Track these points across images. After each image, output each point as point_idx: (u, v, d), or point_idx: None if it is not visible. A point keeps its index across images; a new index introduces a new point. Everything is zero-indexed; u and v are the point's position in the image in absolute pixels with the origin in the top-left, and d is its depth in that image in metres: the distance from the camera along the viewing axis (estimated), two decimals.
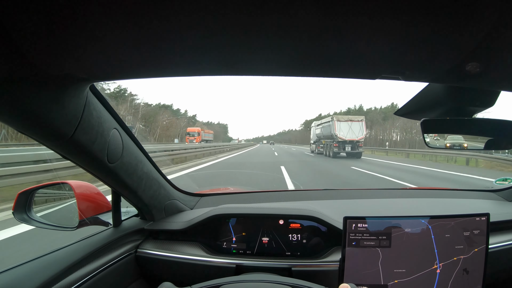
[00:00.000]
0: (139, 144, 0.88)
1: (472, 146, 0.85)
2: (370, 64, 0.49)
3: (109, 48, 0.41)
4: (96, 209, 0.94)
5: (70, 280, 0.71)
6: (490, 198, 1.37)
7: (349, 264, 0.75)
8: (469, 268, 0.77)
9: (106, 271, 0.82)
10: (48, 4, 0.31)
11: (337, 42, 0.40)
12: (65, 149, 0.63)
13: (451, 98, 0.68)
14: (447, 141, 0.86)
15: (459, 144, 0.87)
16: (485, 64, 0.44)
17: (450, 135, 0.85)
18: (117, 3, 0.31)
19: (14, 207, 0.91)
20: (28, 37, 0.36)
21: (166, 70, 0.51)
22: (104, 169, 0.74)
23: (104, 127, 0.67)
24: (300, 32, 0.37)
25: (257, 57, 0.46)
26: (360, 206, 1.25)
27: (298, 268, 0.92)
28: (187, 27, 0.36)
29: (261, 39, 0.39)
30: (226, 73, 0.53)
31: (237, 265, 0.93)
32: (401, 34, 0.38)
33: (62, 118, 0.53)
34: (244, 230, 1.01)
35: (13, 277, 0.64)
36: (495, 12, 0.33)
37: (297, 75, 0.54)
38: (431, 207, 1.25)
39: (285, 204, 1.24)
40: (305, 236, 1.00)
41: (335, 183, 7.07)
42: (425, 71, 0.50)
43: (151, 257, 0.97)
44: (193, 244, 1.02)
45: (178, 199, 1.16)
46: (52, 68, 0.44)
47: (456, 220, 0.77)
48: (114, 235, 0.92)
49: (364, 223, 0.75)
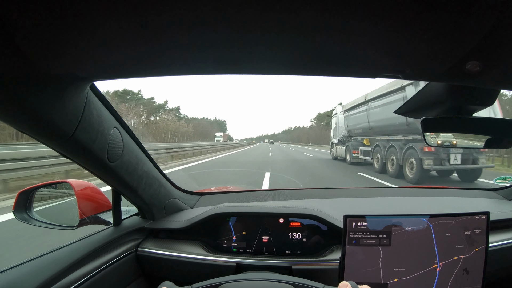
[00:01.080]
0: (139, 143, 0.88)
1: (461, 144, 0.85)
2: (370, 62, 0.48)
3: (109, 47, 0.41)
4: (96, 208, 0.94)
5: (71, 279, 0.71)
6: (490, 197, 1.38)
7: (349, 263, 0.75)
8: (469, 268, 0.77)
9: (107, 270, 0.83)
10: (48, 3, 0.31)
11: (337, 41, 0.40)
12: (66, 148, 0.63)
13: (451, 97, 0.68)
14: (438, 139, 0.86)
15: (449, 141, 0.87)
16: (485, 63, 0.44)
17: (443, 133, 0.84)
18: (117, 2, 0.31)
19: (14, 206, 0.91)
20: (28, 36, 0.36)
21: (167, 69, 0.51)
22: (105, 168, 0.74)
23: (105, 126, 0.67)
24: (300, 30, 0.37)
25: (257, 56, 0.46)
26: (360, 204, 1.25)
27: (299, 267, 0.92)
28: (187, 26, 0.36)
29: (260, 37, 0.39)
30: (227, 72, 0.53)
31: (237, 264, 0.94)
32: (402, 32, 0.37)
33: (62, 117, 0.53)
34: (244, 228, 1.01)
35: (13, 276, 0.65)
36: (495, 11, 0.33)
37: (297, 74, 0.54)
38: (431, 205, 1.26)
39: (285, 202, 1.24)
40: (305, 234, 1.00)
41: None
42: (425, 69, 0.50)
43: (152, 256, 0.98)
44: (193, 242, 1.02)
45: (178, 198, 1.16)
46: (52, 67, 0.44)
47: (457, 219, 0.77)
48: (115, 234, 0.92)
49: (364, 222, 0.76)
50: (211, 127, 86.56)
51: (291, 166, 11.00)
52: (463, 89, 0.66)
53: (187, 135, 72.85)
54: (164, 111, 72.69)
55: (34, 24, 0.34)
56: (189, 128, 71.70)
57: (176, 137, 66.60)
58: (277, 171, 8.99)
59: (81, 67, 0.47)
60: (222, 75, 0.55)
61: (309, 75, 0.54)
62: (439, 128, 0.81)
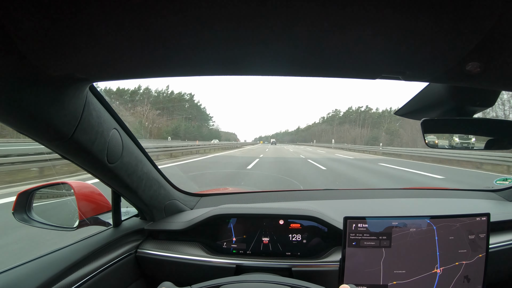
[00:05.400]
0: (139, 144, 0.88)
1: (442, 145, 0.85)
2: (370, 64, 0.48)
3: (108, 48, 0.41)
4: (96, 209, 0.94)
5: (70, 280, 0.71)
6: (490, 198, 1.37)
7: (349, 264, 0.75)
8: (470, 276, 0.75)
9: (106, 271, 0.82)
10: (48, 4, 0.31)
11: (337, 42, 0.40)
12: (65, 149, 0.63)
13: (451, 98, 0.67)
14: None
15: (433, 141, 0.86)
16: (486, 64, 0.44)
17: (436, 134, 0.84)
18: (117, 3, 0.31)
19: (14, 207, 0.91)
20: (28, 37, 0.36)
21: (167, 70, 0.51)
22: (104, 169, 0.73)
23: (104, 127, 0.67)
24: (301, 32, 0.37)
25: (257, 57, 0.46)
26: (360, 206, 1.25)
27: (298, 268, 0.92)
28: (187, 26, 0.36)
29: (261, 39, 0.39)
30: (226, 73, 0.53)
31: (237, 265, 0.93)
32: (401, 33, 0.37)
33: (61, 118, 0.53)
34: (244, 230, 1.01)
35: (13, 277, 0.64)
36: (495, 12, 0.33)
37: (297, 75, 0.54)
38: (431, 207, 1.25)
39: (285, 204, 1.24)
40: (305, 236, 1.00)
41: None
42: (426, 70, 0.50)
43: (151, 257, 0.97)
44: (193, 244, 1.02)
45: (178, 199, 1.16)
46: (52, 69, 0.44)
47: (459, 220, 0.76)
48: (114, 235, 0.92)
49: (364, 223, 0.75)
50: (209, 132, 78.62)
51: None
52: (463, 90, 0.66)
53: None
54: (138, 100, 53.45)
55: (33, 25, 0.34)
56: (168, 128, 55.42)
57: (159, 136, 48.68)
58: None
59: (80, 68, 0.47)
60: (222, 75, 0.55)
61: (310, 76, 0.54)
62: (439, 129, 0.81)
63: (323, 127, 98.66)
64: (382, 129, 70.33)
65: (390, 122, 73.15)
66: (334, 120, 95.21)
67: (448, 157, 13.43)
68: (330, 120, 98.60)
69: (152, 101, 60.50)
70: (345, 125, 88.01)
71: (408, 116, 0.83)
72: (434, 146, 0.86)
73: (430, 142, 0.83)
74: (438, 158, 14.33)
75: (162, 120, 55.16)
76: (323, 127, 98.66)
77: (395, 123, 68.49)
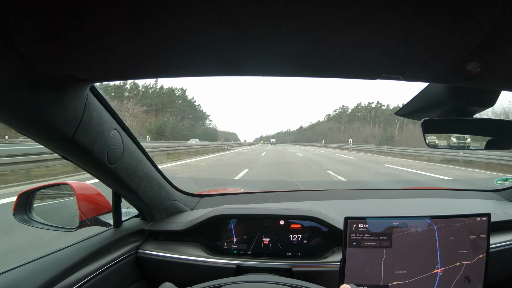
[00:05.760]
0: (140, 144, 0.88)
1: (441, 145, 0.85)
2: (370, 64, 0.48)
3: (109, 49, 0.41)
4: (96, 209, 0.94)
5: (71, 281, 0.71)
6: (490, 198, 1.37)
7: (350, 265, 0.75)
8: (471, 276, 0.74)
9: (107, 272, 0.82)
10: (48, 5, 0.31)
11: (337, 43, 0.40)
12: (65, 150, 0.63)
13: (451, 98, 0.68)
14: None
15: (433, 142, 0.87)
16: (486, 64, 0.44)
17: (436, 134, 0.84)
18: (117, 4, 0.31)
19: (14, 208, 0.91)
20: (28, 38, 0.36)
21: (167, 70, 0.51)
22: (105, 170, 0.74)
23: (105, 128, 0.67)
24: (300, 33, 0.37)
25: (257, 58, 0.46)
26: (360, 206, 1.25)
27: (299, 269, 0.92)
28: (187, 27, 0.36)
29: (261, 40, 0.39)
30: (226, 74, 0.53)
31: (237, 266, 0.93)
32: (402, 34, 0.37)
33: (62, 119, 0.53)
34: (245, 230, 1.01)
35: (13, 278, 0.65)
36: (495, 12, 0.33)
37: (297, 76, 0.54)
38: (431, 207, 1.25)
39: (285, 204, 1.24)
40: (306, 236, 1.00)
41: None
42: (426, 71, 0.50)
43: (152, 257, 0.97)
44: (194, 244, 1.02)
45: (179, 200, 1.16)
46: (52, 69, 0.44)
47: (459, 221, 0.76)
48: (115, 235, 0.92)
49: (364, 224, 0.75)
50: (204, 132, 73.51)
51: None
52: (463, 90, 0.66)
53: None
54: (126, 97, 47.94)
55: (33, 26, 0.34)
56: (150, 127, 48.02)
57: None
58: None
59: (80, 69, 0.47)
60: (221, 76, 0.55)
61: (310, 76, 0.54)
62: (440, 129, 0.81)
63: (330, 125, 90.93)
64: (395, 128, 65.02)
65: (403, 119, 68.66)
66: (342, 117, 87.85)
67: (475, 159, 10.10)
68: (337, 117, 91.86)
69: (141, 97, 55.34)
70: (355, 122, 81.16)
71: (408, 116, 0.83)
72: (435, 146, 0.86)
73: (430, 143, 0.83)
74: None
75: (146, 117, 50.64)
76: (330, 125, 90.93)
77: (409, 121, 64.62)
